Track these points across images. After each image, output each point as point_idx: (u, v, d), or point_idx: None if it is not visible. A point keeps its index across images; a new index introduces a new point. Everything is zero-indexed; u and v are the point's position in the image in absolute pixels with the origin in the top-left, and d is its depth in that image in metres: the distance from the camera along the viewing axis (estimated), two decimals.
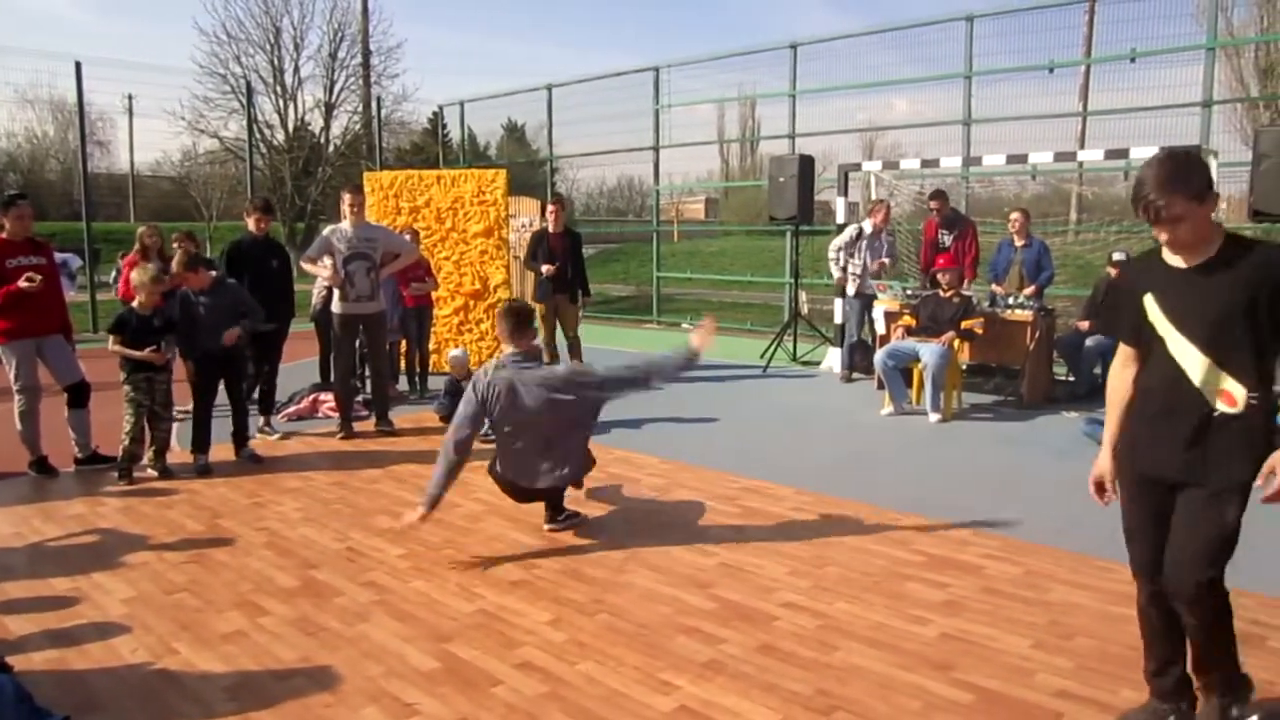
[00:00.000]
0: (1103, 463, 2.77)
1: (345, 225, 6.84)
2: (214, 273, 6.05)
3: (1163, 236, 2.48)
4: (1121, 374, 2.75)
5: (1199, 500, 2.54)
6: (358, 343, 7.24)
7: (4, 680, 2.68)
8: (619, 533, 4.68)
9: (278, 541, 4.59)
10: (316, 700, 2.99)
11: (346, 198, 6.92)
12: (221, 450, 6.15)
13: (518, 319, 4.64)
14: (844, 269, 9.26)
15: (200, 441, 5.94)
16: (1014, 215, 8.77)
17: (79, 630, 3.55)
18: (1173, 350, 2.54)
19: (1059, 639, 3.39)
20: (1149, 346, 2.61)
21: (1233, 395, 2.48)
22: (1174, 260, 2.54)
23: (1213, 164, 8.44)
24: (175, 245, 7.92)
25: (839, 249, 9.27)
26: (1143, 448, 2.65)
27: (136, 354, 5.61)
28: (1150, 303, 2.59)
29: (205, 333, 5.90)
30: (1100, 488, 2.78)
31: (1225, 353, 2.46)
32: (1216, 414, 2.49)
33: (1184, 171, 2.40)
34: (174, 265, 6.04)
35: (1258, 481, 2.44)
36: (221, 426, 6.13)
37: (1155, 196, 2.40)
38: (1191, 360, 2.51)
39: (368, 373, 7.75)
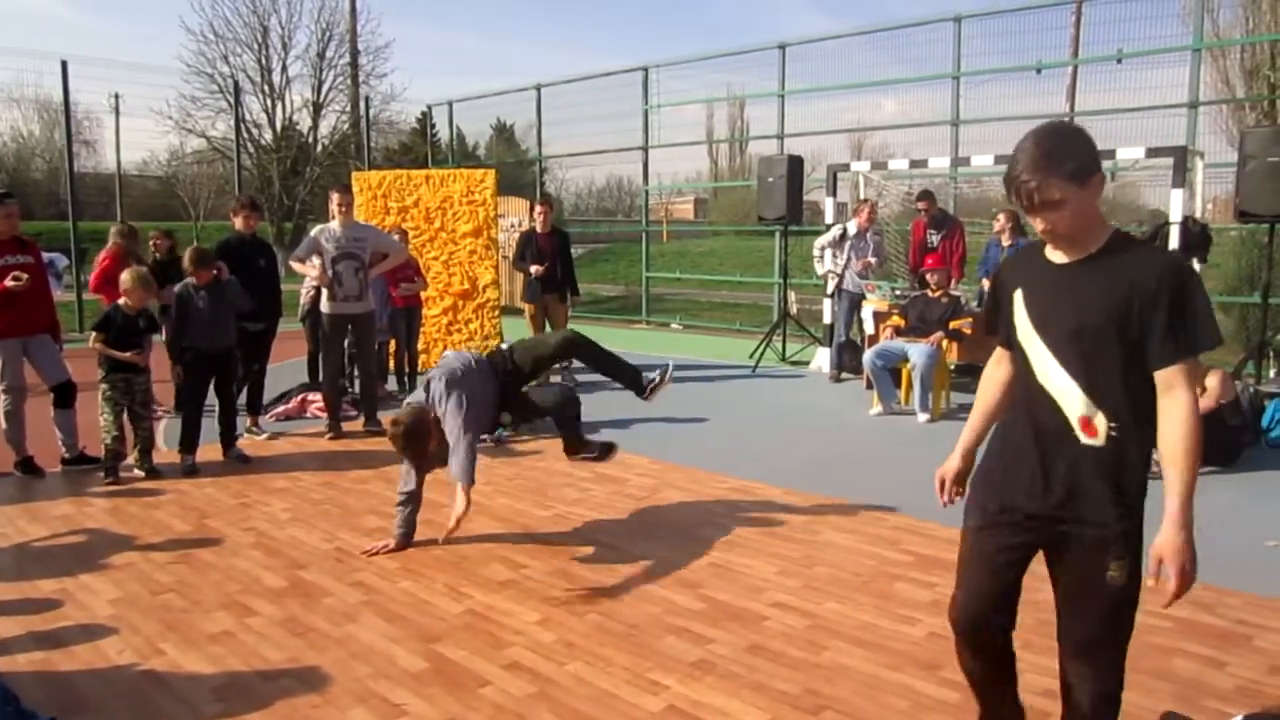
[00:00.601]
0: (948, 462, 2.44)
1: (334, 225, 6.82)
2: (216, 270, 6.06)
3: (1039, 225, 2.06)
4: (992, 373, 2.40)
5: (1077, 559, 2.12)
6: (346, 343, 7.22)
7: None
8: (608, 533, 4.67)
9: (265, 542, 4.57)
10: (304, 701, 2.98)
11: (335, 197, 6.90)
12: (209, 450, 6.12)
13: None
14: (828, 268, 9.31)
15: (188, 441, 5.91)
16: (1000, 216, 8.80)
17: (65, 631, 3.53)
18: (1032, 360, 2.14)
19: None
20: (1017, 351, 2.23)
21: (1093, 424, 2.05)
22: (1053, 254, 2.14)
23: (1199, 165, 8.52)
24: (151, 245, 7.84)
25: (823, 247, 9.33)
26: (1001, 474, 2.24)
27: (119, 355, 5.58)
28: (1018, 300, 2.19)
29: (201, 329, 5.89)
30: (942, 485, 2.46)
31: (1087, 369, 2.05)
32: (1082, 443, 2.08)
33: (1063, 148, 2.00)
34: (185, 261, 6.02)
35: (1147, 580, 2.00)
36: (208, 426, 6.10)
37: (1028, 177, 2.01)
38: (1050, 374, 2.10)
39: (356, 373, 7.74)
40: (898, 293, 8.68)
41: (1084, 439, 2.07)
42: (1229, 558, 4.24)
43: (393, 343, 8.57)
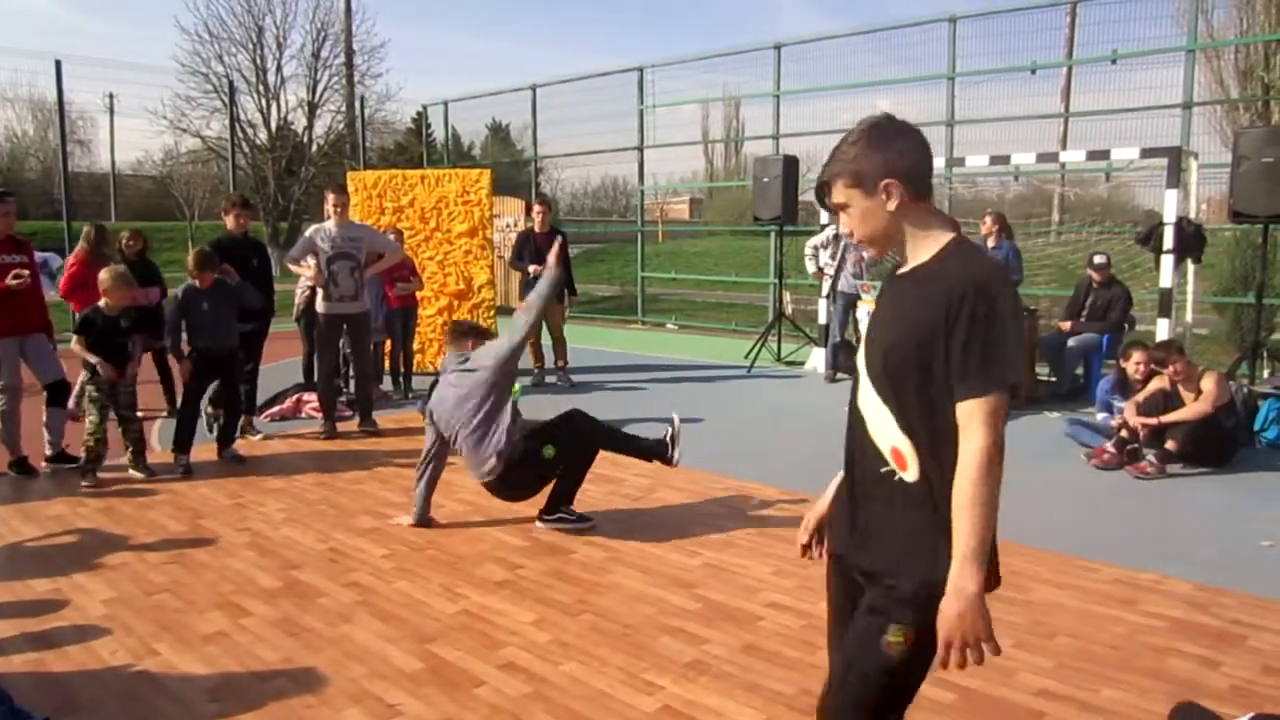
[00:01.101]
0: (814, 509, 2.15)
1: (329, 225, 6.80)
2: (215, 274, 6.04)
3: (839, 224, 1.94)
4: None
5: (863, 607, 1.84)
6: (341, 343, 7.21)
7: None
8: (603, 533, 4.67)
9: (260, 542, 4.56)
10: (299, 701, 2.97)
11: (330, 197, 6.89)
12: (203, 450, 6.10)
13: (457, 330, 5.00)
14: (820, 268, 9.33)
15: (183, 441, 5.89)
16: (986, 218, 8.85)
17: (59, 632, 3.52)
18: (857, 381, 1.91)
19: (1040, 638, 3.41)
20: None
21: (902, 454, 1.78)
22: (902, 268, 1.91)
23: (1193, 165, 8.53)
24: (123, 245, 7.66)
25: (816, 247, 9.36)
26: (833, 514, 2.02)
27: (93, 359, 5.49)
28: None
29: (205, 331, 5.87)
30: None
31: (896, 392, 1.78)
32: (894, 478, 1.80)
33: (858, 150, 1.80)
34: (189, 263, 5.98)
35: (937, 664, 1.72)
36: (201, 426, 6.09)
37: (822, 173, 1.88)
38: (865, 396, 1.86)
39: (351, 373, 7.72)
40: None
41: (897, 472, 1.80)
42: (1224, 558, 4.26)
43: (388, 343, 8.57)
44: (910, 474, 1.77)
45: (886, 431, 1.80)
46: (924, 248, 1.83)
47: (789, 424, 7.31)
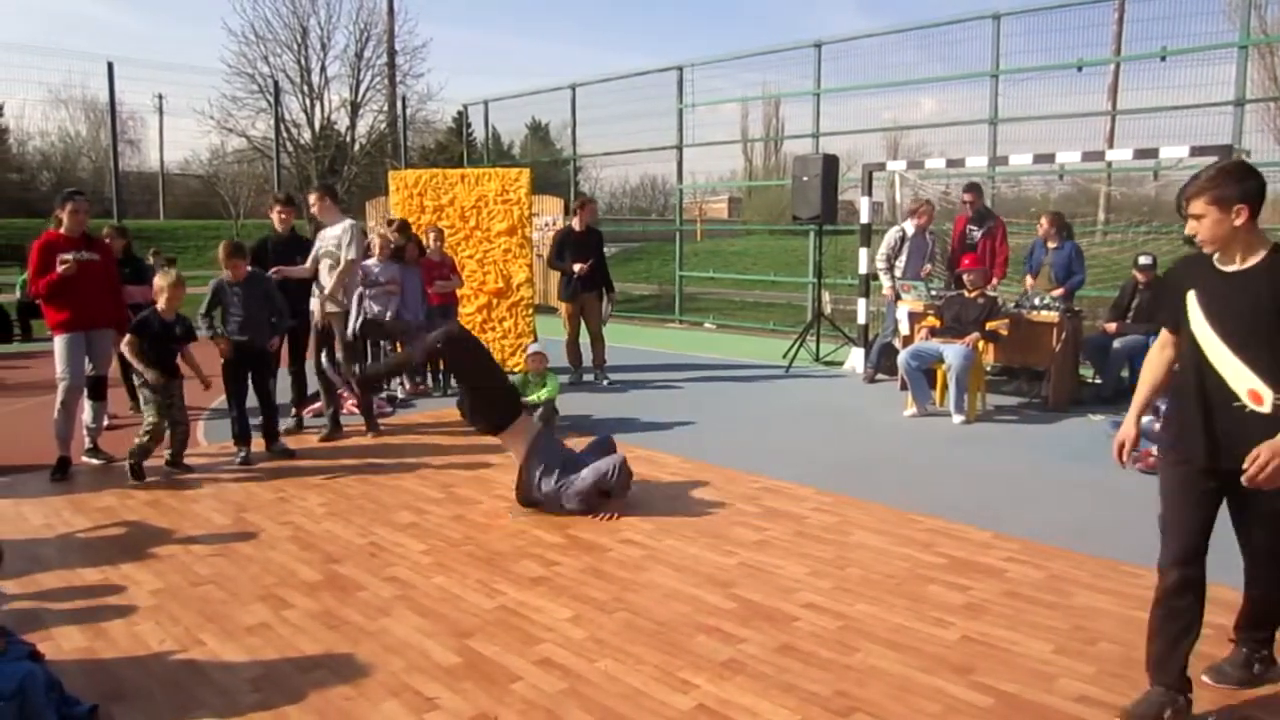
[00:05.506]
0: (1124, 429, 3.14)
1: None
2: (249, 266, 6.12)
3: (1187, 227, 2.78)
4: (1159, 356, 3.01)
5: (1253, 495, 2.63)
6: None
7: (35, 669, 2.73)
8: (639, 531, 4.68)
9: (302, 536, 4.63)
10: (338, 693, 3.02)
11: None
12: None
13: None
14: (895, 277, 9.07)
15: (242, 434, 6.01)
16: (1042, 220, 8.70)
17: (107, 621, 3.61)
18: (1204, 346, 2.70)
19: (1081, 644, 3.37)
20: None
21: (1259, 394, 2.58)
22: (1221, 265, 2.73)
23: None
24: (107, 239, 7.67)
25: (889, 258, 9.10)
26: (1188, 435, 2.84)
27: (140, 365, 5.56)
28: (1191, 298, 2.76)
29: (237, 324, 5.97)
30: (1120, 449, 3.09)
31: (1258, 352, 2.59)
32: (1246, 410, 2.60)
33: (1224, 178, 2.65)
34: (219, 254, 6.05)
35: (1245, 466, 2.49)
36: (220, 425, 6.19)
37: (1188, 188, 2.74)
38: (1218, 357, 2.67)
39: (362, 373, 7.72)
40: (934, 293, 8.59)
41: (1250, 405, 2.58)
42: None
43: None
44: (1265, 406, 2.56)
45: (1244, 380, 2.60)
46: (1247, 254, 2.66)
47: (827, 424, 7.27)
